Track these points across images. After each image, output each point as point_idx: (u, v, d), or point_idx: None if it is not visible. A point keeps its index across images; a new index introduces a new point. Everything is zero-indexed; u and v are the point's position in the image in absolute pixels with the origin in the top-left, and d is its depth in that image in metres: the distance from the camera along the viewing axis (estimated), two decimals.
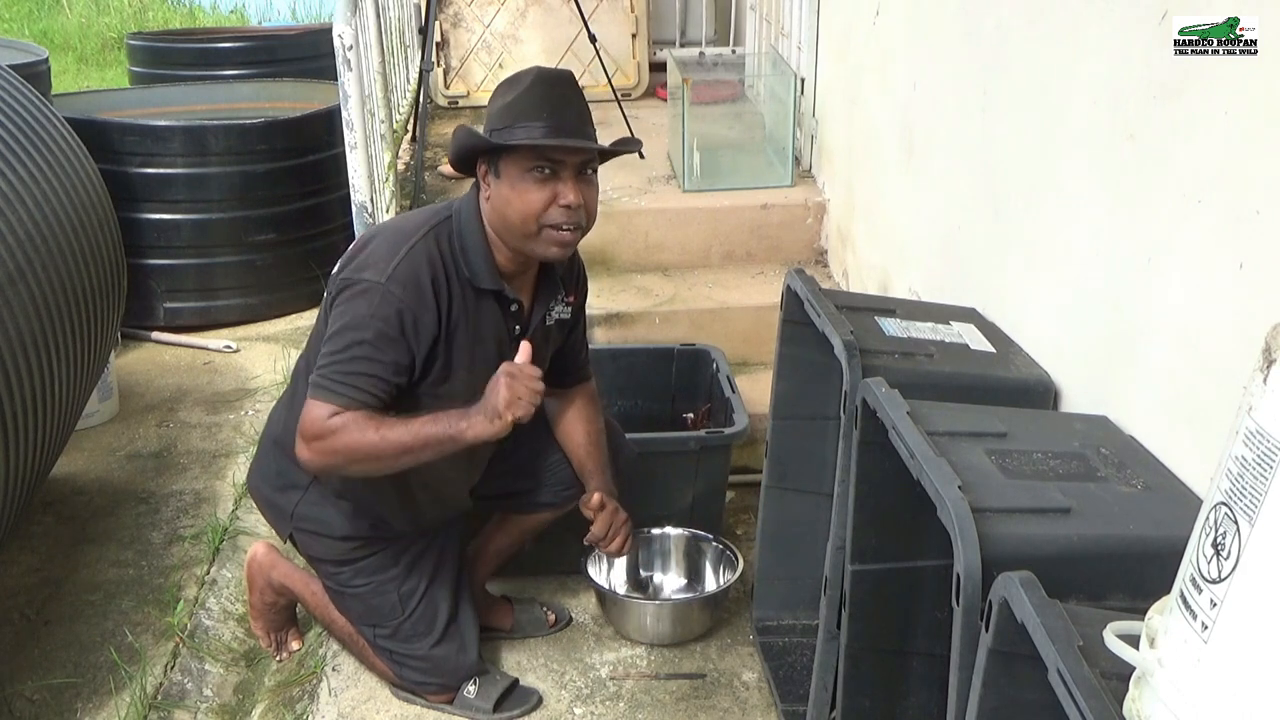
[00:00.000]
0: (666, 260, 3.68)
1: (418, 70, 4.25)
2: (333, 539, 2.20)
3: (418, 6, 4.61)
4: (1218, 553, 0.95)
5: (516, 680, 2.32)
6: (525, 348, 1.99)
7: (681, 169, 3.81)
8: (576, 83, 2.04)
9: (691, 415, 3.03)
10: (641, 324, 3.35)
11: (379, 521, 2.19)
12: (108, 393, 3.48)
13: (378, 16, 3.42)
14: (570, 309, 2.26)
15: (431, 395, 2.05)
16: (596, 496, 2.24)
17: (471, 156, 2.03)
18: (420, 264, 1.98)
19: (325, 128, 4.10)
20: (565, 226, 1.98)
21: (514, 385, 1.92)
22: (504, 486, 2.37)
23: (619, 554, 2.33)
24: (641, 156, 2.18)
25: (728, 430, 2.63)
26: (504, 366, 1.95)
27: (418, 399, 2.04)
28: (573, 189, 1.96)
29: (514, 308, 2.11)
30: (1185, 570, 1.01)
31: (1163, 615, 1.05)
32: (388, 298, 1.95)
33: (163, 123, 4.06)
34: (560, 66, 4.76)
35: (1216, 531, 0.96)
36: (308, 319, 4.17)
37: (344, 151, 3.01)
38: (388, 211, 3.26)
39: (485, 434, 1.93)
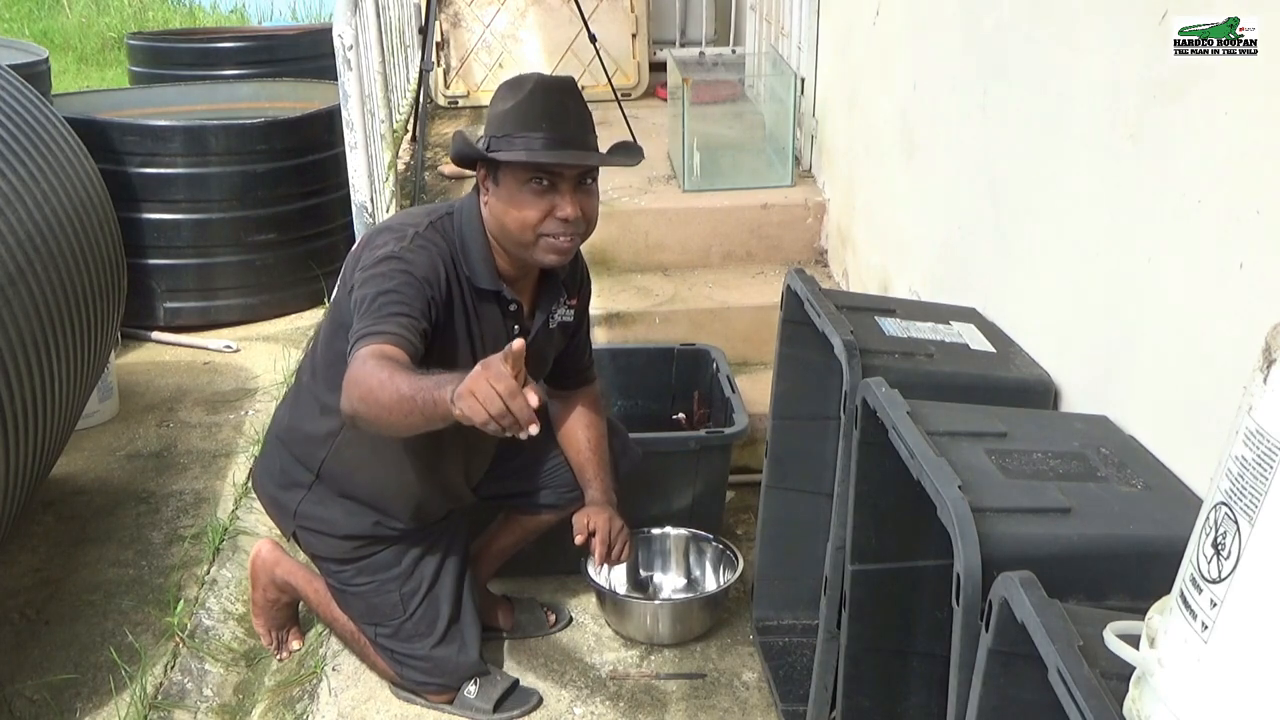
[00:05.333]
0: (666, 260, 3.68)
1: (418, 70, 4.25)
2: (336, 537, 2.20)
3: (418, 6, 4.61)
4: (1218, 553, 0.95)
5: (517, 680, 2.32)
6: (519, 343, 1.67)
7: (681, 169, 3.81)
8: (578, 89, 2.02)
9: (682, 415, 3.03)
10: (641, 324, 3.35)
11: (382, 520, 2.19)
12: (108, 393, 3.49)
13: (378, 16, 3.42)
14: (573, 312, 2.26)
15: None
16: (582, 531, 2.18)
17: (471, 162, 2.03)
18: (429, 248, 1.98)
19: (325, 128, 4.10)
20: (562, 236, 1.97)
21: (476, 378, 1.60)
22: (507, 488, 2.37)
23: (621, 561, 2.32)
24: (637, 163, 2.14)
25: (728, 430, 2.63)
26: (487, 358, 1.65)
27: None
28: (570, 201, 1.94)
29: (513, 308, 2.10)
30: (1185, 570, 1.01)
31: (1163, 615, 1.05)
32: (407, 261, 1.93)
33: (163, 123, 4.06)
34: (560, 66, 4.83)
35: (1216, 531, 0.96)
36: (308, 319, 4.17)
37: (344, 151, 3.02)
38: (387, 211, 3.26)
39: (450, 412, 1.63)
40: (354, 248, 2.14)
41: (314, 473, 2.18)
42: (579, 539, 2.19)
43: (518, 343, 1.63)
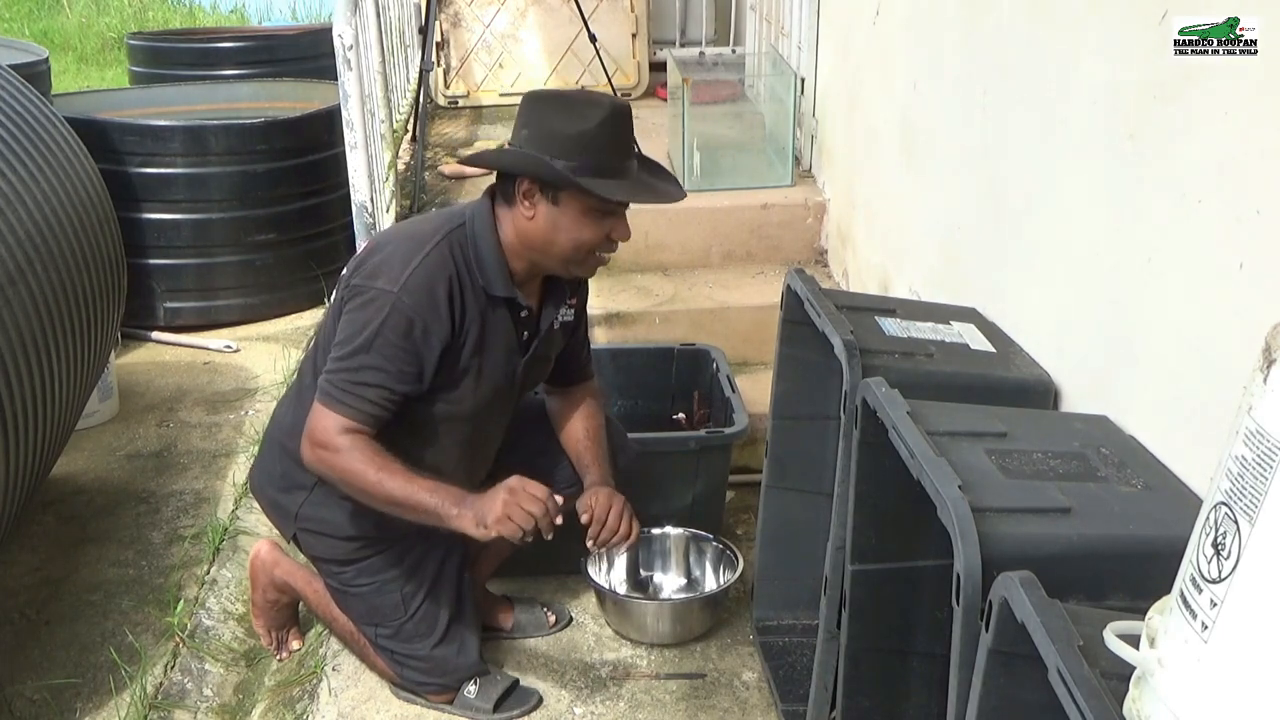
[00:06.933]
0: (666, 260, 3.68)
1: (418, 70, 4.25)
2: (337, 539, 2.20)
3: (418, 6, 4.62)
4: (1218, 553, 0.95)
5: (517, 680, 2.32)
6: (564, 501, 1.96)
7: (681, 169, 3.81)
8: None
9: (682, 415, 3.02)
10: (641, 324, 3.35)
11: (383, 521, 2.18)
12: (108, 393, 3.49)
13: (378, 16, 3.42)
14: (573, 311, 2.27)
15: (437, 401, 2.06)
16: (586, 512, 2.16)
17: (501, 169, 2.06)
18: (434, 272, 1.98)
19: (325, 128, 4.10)
20: (608, 253, 2.07)
21: (509, 503, 1.88)
22: None
23: (625, 542, 2.27)
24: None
25: (728, 430, 2.63)
26: (508, 481, 1.92)
27: (423, 404, 2.05)
28: (625, 223, 2.06)
29: (524, 314, 2.12)
30: (1185, 570, 1.01)
31: (1163, 615, 1.05)
32: (399, 307, 1.95)
33: (163, 123, 4.06)
34: (560, 66, 4.83)
35: (1216, 531, 0.96)
36: (308, 319, 4.17)
37: (344, 151, 3.02)
38: (388, 211, 3.26)
39: (469, 532, 1.91)
40: (362, 250, 2.14)
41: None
42: (584, 517, 2.17)
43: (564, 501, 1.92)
